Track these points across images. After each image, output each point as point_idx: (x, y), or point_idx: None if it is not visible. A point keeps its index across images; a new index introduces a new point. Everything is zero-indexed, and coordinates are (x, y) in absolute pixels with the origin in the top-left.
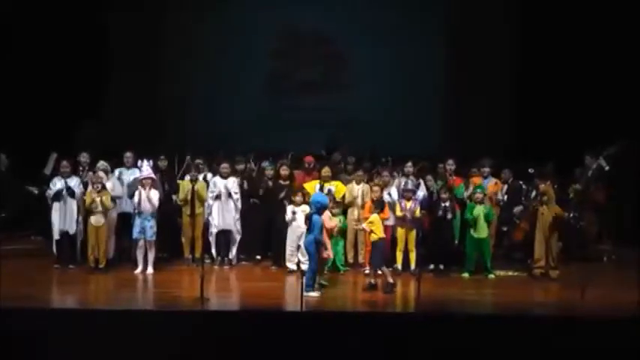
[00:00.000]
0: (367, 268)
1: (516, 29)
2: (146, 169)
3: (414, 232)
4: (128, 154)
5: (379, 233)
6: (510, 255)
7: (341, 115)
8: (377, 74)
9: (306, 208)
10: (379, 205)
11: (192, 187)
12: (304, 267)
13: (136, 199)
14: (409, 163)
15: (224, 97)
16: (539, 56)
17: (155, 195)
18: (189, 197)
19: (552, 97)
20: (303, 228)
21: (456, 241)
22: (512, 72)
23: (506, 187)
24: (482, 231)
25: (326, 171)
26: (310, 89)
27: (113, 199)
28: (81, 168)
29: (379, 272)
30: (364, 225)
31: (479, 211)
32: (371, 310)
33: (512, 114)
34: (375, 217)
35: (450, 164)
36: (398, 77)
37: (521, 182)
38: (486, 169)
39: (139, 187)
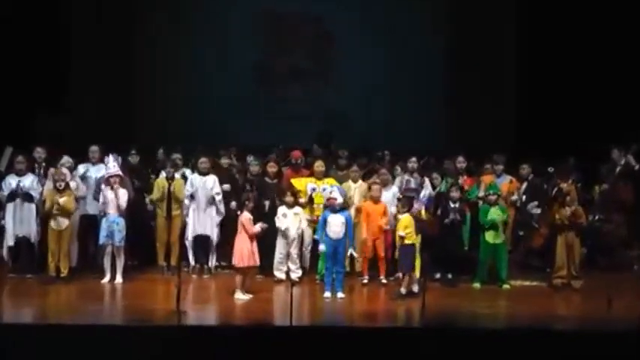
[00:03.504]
0: (365, 277)
1: (529, 13)
2: (113, 165)
3: (418, 237)
4: (94, 148)
5: (412, 237)
6: (528, 263)
7: (332, 106)
8: (373, 61)
9: (299, 210)
10: (407, 203)
11: (169, 186)
12: (295, 276)
13: (101, 199)
14: (413, 159)
15: (203, 85)
16: (556, 40)
17: (124, 194)
18: (164, 197)
19: (571, 84)
20: (295, 232)
21: (466, 247)
22: (523, 58)
23: (525, 185)
24: (498, 236)
25: (319, 165)
26: (299, 78)
27: (76, 199)
28: (36, 165)
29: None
30: (401, 233)
31: (494, 214)
32: (369, 325)
33: (526, 105)
34: (407, 218)
35: (461, 162)
36: (396, 65)
37: (541, 180)
38: (499, 167)
39: (105, 185)
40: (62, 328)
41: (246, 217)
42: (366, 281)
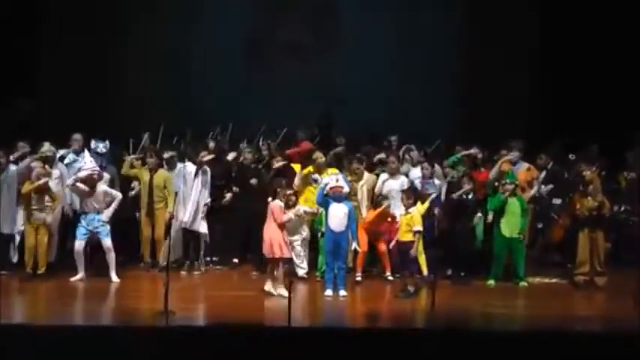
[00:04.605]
0: (358, 274)
1: None
2: (89, 160)
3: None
4: (77, 137)
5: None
6: (547, 258)
7: (333, 87)
8: (377, 39)
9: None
10: (412, 195)
11: (151, 177)
12: (301, 272)
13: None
14: (412, 147)
15: (192, 63)
16: (581, 18)
17: (103, 189)
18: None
19: (597, 65)
20: (300, 227)
21: (480, 242)
22: (544, 35)
23: (543, 174)
24: (515, 228)
25: (318, 157)
26: (298, 56)
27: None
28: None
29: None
30: (418, 227)
31: (512, 205)
32: (373, 326)
33: (544, 88)
34: (416, 212)
35: (477, 152)
36: (404, 43)
37: (560, 167)
38: (516, 154)
39: (81, 183)
40: (38, 329)
41: (277, 204)
42: (359, 279)
